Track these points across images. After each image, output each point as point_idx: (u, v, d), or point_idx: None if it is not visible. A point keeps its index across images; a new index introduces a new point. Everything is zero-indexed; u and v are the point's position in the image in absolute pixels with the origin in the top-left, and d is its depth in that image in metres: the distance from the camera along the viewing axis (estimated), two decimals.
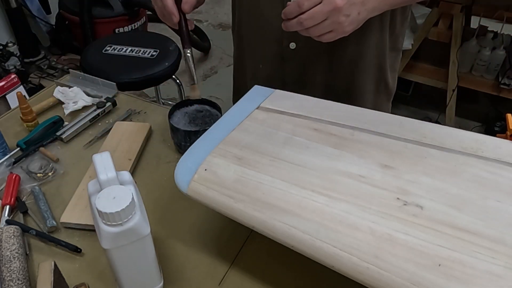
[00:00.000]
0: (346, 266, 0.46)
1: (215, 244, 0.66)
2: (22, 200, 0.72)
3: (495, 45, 1.99)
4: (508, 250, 0.43)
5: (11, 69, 2.28)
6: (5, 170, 0.77)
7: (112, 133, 0.85)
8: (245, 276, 0.61)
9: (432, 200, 0.48)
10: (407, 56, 2.07)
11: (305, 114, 0.64)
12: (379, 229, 0.46)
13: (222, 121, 0.65)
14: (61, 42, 2.69)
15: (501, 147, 0.54)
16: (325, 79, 0.84)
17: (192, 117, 0.81)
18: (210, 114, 0.82)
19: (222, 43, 2.97)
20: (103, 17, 2.45)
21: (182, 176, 0.57)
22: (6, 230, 0.61)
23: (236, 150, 0.58)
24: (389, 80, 0.89)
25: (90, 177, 0.74)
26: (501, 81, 1.96)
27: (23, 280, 0.56)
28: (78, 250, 0.64)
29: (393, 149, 0.56)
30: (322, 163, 0.55)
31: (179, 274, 0.62)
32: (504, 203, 0.47)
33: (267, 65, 0.87)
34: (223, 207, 0.53)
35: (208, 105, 0.83)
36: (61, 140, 0.85)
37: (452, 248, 0.44)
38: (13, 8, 2.42)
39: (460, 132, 0.58)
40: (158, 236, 0.66)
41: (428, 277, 0.42)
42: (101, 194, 0.48)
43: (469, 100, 2.34)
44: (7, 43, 2.36)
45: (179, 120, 0.80)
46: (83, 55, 1.60)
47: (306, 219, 0.49)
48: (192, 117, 0.81)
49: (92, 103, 0.93)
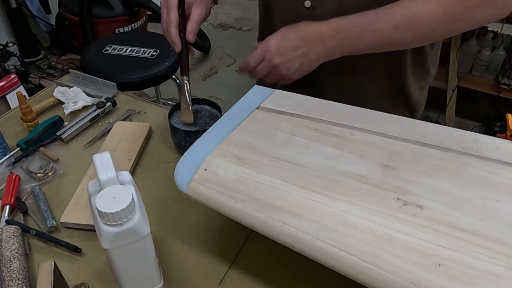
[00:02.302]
0: (346, 266, 0.46)
1: (215, 244, 0.66)
2: (22, 200, 0.72)
3: (495, 45, 1.99)
4: (508, 250, 0.43)
5: (11, 69, 2.28)
6: (5, 170, 0.77)
7: (112, 133, 0.85)
8: (245, 276, 0.61)
9: (432, 200, 0.48)
10: None
11: (305, 114, 0.64)
12: (379, 229, 0.46)
13: (222, 121, 0.65)
14: (61, 42, 2.69)
15: (501, 147, 0.54)
16: (334, 83, 0.83)
17: None
18: (210, 114, 0.82)
19: (222, 43, 2.97)
20: (103, 17, 2.45)
21: (182, 176, 0.57)
22: (6, 230, 0.61)
23: (236, 150, 0.58)
24: (411, 97, 0.86)
25: (90, 177, 0.74)
26: (501, 81, 1.96)
27: (23, 280, 0.56)
28: (78, 250, 0.64)
29: (393, 149, 0.56)
30: (322, 163, 0.55)
31: (179, 274, 0.62)
32: (504, 203, 0.47)
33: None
34: (223, 207, 0.53)
35: (208, 105, 0.83)
36: (61, 140, 0.85)
37: (452, 248, 0.44)
38: (13, 8, 2.42)
39: (460, 132, 0.57)
40: (158, 236, 0.66)
41: (428, 277, 0.42)
42: (101, 194, 0.48)
43: (469, 100, 2.34)
44: (7, 43, 2.36)
45: (179, 120, 0.80)
46: (83, 55, 1.60)
47: (306, 219, 0.49)
48: None
49: (92, 103, 0.93)
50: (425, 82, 0.88)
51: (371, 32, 0.65)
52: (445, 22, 0.63)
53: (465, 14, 0.62)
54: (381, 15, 0.64)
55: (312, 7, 0.74)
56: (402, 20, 0.63)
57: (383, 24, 0.64)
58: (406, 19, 0.63)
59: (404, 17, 0.63)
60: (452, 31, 0.66)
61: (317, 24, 0.67)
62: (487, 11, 0.62)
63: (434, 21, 0.63)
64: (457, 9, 0.62)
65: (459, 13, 0.62)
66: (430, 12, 0.62)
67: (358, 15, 0.65)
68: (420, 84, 0.87)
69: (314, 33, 0.67)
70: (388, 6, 0.64)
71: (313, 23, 0.68)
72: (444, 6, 0.62)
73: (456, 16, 0.63)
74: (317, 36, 0.67)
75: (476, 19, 0.63)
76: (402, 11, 0.63)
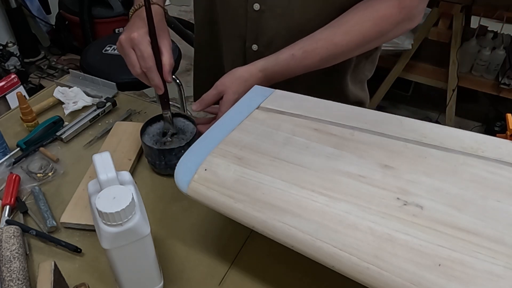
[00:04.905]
0: (346, 266, 0.46)
1: (215, 244, 0.66)
2: (22, 200, 0.72)
3: (495, 45, 1.99)
4: (508, 250, 0.43)
5: (11, 69, 2.29)
6: (5, 170, 0.77)
7: (112, 133, 0.85)
8: (245, 276, 0.61)
9: (432, 200, 0.48)
10: (407, 56, 2.07)
11: (305, 114, 0.63)
12: (379, 229, 0.46)
13: (222, 121, 0.65)
14: (61, 42, 2.69)
15: (501, 147, 0.54)
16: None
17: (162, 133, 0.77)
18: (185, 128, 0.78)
19: None
20: (103, 17, 2.46)
21: (182, 176, 0.57)
22: (6, 230, 0.61)
23: (236, 150, 0.58)
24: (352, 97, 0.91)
25: (90, 177, 0.74)
26: (501, 81, 1.96)
27: (23, 280, 0.56)
28: (78, 250, 0.64)
29: (393, 149, 0.56)
30: (322, 163, 0.55)
31: (179, 274, 0.62)
32: (504, 203, 0.47)
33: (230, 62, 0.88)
34: (223, 207, 0.53)
35: (182, 118, 0.80)
36: (61, 140, 0.85)
37: (452, 248, 0.44)
38: (13, 8, 2.42)
39: (460, 132, 0.57)
40: (158, 236, 0.66)
41: (428, 277, 0.42)
42: (101, 194, 0.48)
43: (469, 100, 2.34)
44: (7, 43, 2.36)
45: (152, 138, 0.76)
46: (83, 55, 1.60)
47: (306, 219, 0.49)
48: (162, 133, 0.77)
49: (92, 103, 0.93)
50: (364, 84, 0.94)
51: (300, 68, 0.74)
52: (362, 45, 0.72)
53: (379, 35, 0.71)
54: (308, 52, 0.72)
55: (261, 10, 0.76)
56: (326, 54, 0.72)
57: (309, 60, 0.72)
58: (329, 52, 0.71)
59: (328, 50, 0.71)
60: (367, 50, 0.76)
61: (253, 70, 0.74)
62: (399, 31, 0.72)
63: (352, 48, 0.72)
64: (373, 33, 0.71)
65: (374, 36, 0.71)
66: (349, 42, 0.71)
67: (287, 57, 0.72)
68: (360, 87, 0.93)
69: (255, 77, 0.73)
70: (312, 40, 0.72)
71: (249, 69, 0.74)
72: (363, 33, 0.70)
73: (372, 38, 0.72)
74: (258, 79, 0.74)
75: (390, 37, 0.73)
76: (325, 45, 0.71)
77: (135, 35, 0.68)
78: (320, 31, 0.72)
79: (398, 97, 2.41)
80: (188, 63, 2.73)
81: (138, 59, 0.69)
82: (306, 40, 0.72)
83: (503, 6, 1.86)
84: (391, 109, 2.37)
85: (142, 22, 0.69)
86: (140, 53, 0.68)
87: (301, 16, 0.75)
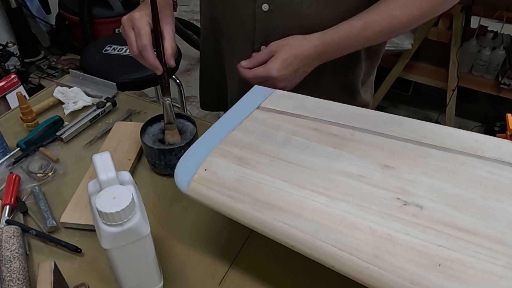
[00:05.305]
0: (346, 266, 0.46)
1: (215, 244, 0.66)
2: (22, 200, 0.72)
3: (495, 45, 1.99)
4: (508, 250, 0.43)
5: (11, 69, 2.29)
6: (5, 170, 0.77)
7: (112, 133, 0.85)
8: (245, 276, 0.61)
9: (432, 200, 0.48)
10: (407, 56, 2.07)
11: (305, 114, 0.63)
12: (379, 229, 0.46)
13: (222, 121, 0.65)
14: (61, 42, 2.69)
15: (501, 147, 0.54)
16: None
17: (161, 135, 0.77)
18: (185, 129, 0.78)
19: None
20: (103, 17, 2.46)
21: (182, 176, 0.57)
22: (6, 230, 0.61)
23: (236, 150, 0.58)
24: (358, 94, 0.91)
25: (90, 177, 0.74)
26: (501, 81, 1.96)
27: (23, 280, 0.56)
28: (78, 250, 0.64)
29: (393, 149, 0.56)
30: (322, 163, 0.55)
31: (179, 274, 0.62)
32: (504, 203, 0.47)
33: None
34: (223, 207, 0.53)
35: (182, 119, 0.79)
36: (61, 140, 0.85)
37: (452, 248, 0.44)
38: (13, 8, 2.42)
39: (460, 132, 0.57)
40: (158, 236, 0.66)
41: (428, 277, 0.42)
42: (101, 194, 0.48)
43: (469, 100, 2.34)
44: (7, 43, 2.36)
45: (152, 138, 0.76)
46: (83, 55, 1.60)
47: (306, 219, 0.49)
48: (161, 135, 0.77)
49: (92, 103, 0.93)
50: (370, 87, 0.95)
51: (359, 41, 0.72)
52: (419, 20, 0.72)
53: (434, 10, 0.71)
54: (368, 23, 0.70)
55: (270, 10, 0.76)
56: (386, 26, 0.70)
57: (369, 32, 0.71)
58: (389, 24, 0.70)
59: (387, 23, 0.70)
60: (420, 24, 0.74)
61: (312, 41, 0.72)
62: (449, 4, 0.72)
63: (411, 22, 0.71)
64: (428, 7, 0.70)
65: (430, 11, 0.71)
66: (409, 15, 0.70)
67: (346, 27, 0.71)
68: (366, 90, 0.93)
69: (311, 52, 0.72)
70: (370, 13, 0.71)
71: (307, 40, 0.72)
72: (421, 8, 0.70)
73: (427, 13, 0.71)
74: (314, 55, 0.72)
75: (440, 11, 0.73)
76: (385, 17, 0.70)
77: (135, 15, 0.68)
78: (376, 5, 0.71)
79: (398, 97, 2.41)
80: (188, 63, 2.74)
81: (136, 39, 0.68)
82: (364, 13, 0.71)
83: (503, 6, 1.86)
84: (391, 109, 2.37)
85: (146, 6, 0.70)
86: (137, 31, 0.68)
87: (313, 13, 0.74)
